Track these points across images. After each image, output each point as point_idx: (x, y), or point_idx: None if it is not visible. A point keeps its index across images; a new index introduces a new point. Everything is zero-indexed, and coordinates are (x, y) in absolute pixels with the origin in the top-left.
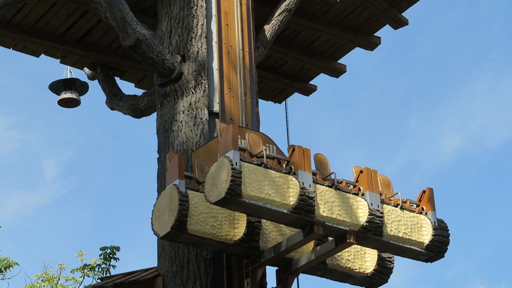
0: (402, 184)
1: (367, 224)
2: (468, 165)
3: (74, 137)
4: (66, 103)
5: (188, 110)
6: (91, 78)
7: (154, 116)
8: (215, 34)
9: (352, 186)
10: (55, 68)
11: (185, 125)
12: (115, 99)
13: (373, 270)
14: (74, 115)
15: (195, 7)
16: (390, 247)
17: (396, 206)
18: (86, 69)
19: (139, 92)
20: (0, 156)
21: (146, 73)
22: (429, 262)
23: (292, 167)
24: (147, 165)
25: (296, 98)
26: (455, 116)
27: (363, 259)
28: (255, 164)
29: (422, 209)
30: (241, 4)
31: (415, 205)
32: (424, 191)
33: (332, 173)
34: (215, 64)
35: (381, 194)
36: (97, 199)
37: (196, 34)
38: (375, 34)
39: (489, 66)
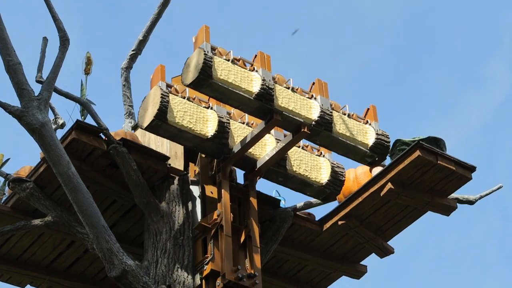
0: None
1: (319, 119)
2: None
3: None
4: None
5: None
6: None
7: None
8: None
9: (306, 94)
10: None
11: None
12: None
13: (327, 180)
14: None
15: (182, 238)
16: (339, 145)
17: (344, 114)
18: None
19: None
20: None
21: None
22: (373, 167)
23: (255, 67)
24: None
25: None
26: None
27: (319, 172)
28: (223, 59)
29: (367, 121)
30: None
31: (361, 119)
32: (368, 109)
33: (288, 80)
34: None
35: (331, 104)
36: None
37: (182, 264)
38: (362, 263)
39: None
